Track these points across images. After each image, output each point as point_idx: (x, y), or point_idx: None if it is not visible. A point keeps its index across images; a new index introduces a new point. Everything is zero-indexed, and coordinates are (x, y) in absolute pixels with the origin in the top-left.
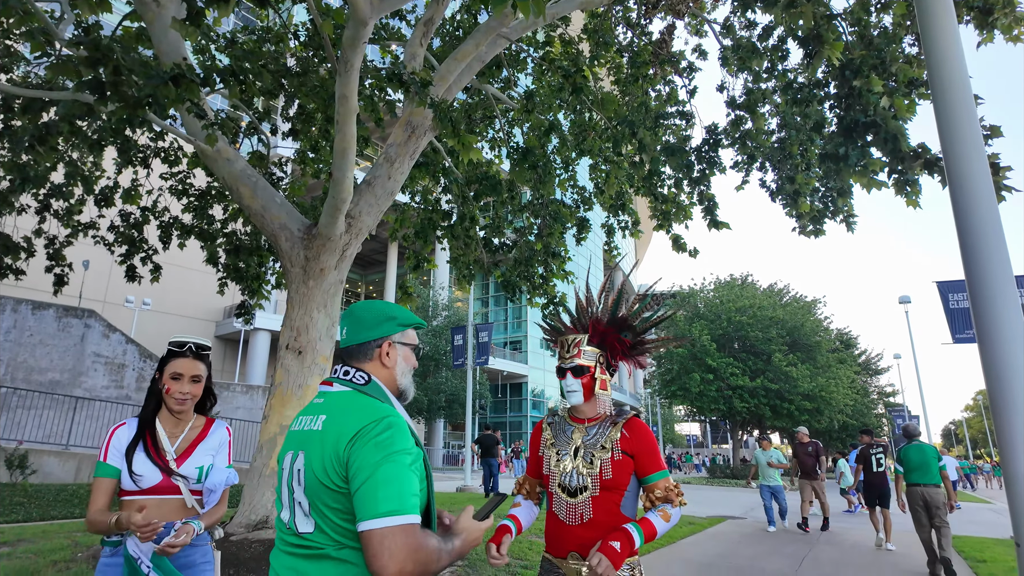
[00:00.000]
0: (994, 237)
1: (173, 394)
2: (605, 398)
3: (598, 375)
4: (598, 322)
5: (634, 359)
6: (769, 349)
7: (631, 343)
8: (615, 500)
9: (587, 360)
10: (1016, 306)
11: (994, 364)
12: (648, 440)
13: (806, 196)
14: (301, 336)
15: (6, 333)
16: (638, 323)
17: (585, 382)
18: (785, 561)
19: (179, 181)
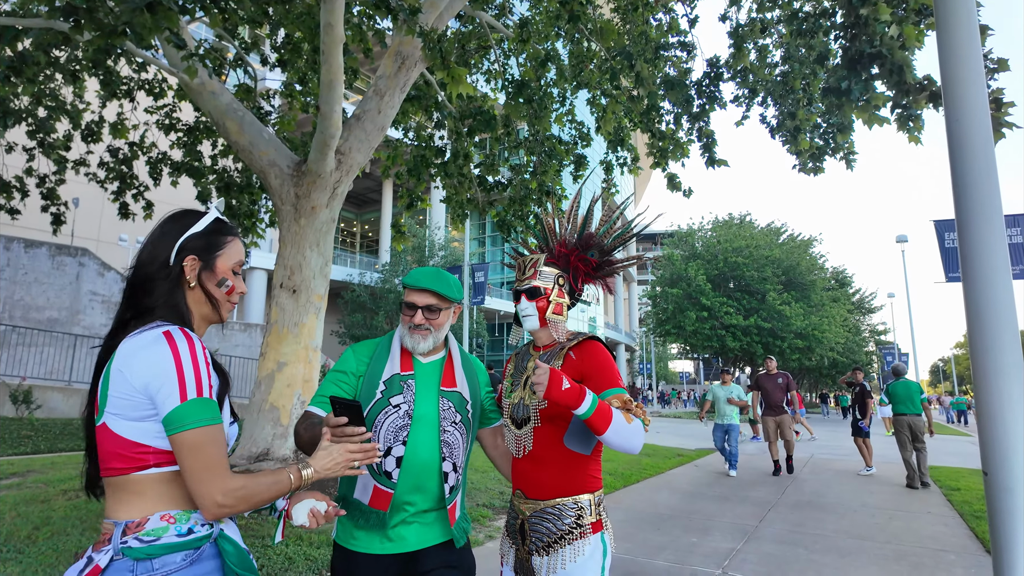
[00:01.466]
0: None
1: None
2: (560, 323)
3: (554, 298)
4: (563, 244)
5: (601, 280)
6: (764, 288)
7: (596, 263)
8: (558, 433)
9: (543, 282)
10: (1002, 243)
11: (975, 300)
12: (598, 360)
13: (806, 133)
14: (295, 275)
15: (0, 271)
16: (607, 242)
17: (540, 305)
18: (769, 490)
19: (166, 115)
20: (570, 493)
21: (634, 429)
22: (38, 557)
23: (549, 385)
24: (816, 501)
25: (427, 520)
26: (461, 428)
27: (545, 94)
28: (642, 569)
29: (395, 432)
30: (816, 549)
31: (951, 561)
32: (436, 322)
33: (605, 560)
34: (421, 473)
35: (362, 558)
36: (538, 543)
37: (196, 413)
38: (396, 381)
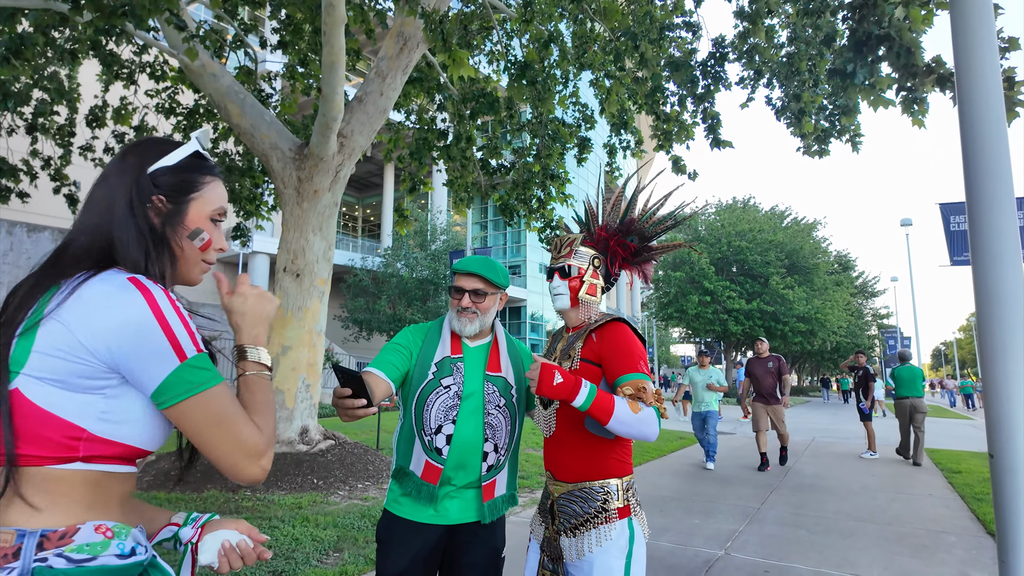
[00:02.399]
0: (999, 154)
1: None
2: (592, 304)
3: (588, 278)
4: (605, 228)
5: (638, 267)
6: (767, 272)
7: (636, 248)
8: (579, 415)
9: (578, 261)
10: (1013, 226)
11: (986, 282)
12: (620, 342)
13: (811, 115)
14: (298, 259)
15: (3, 256)
16: (649, 227)
17: (573, 284)
18: (771, 473)
19: (167, 98)
20: (597, 477)
21: (643, 418)
22: None
23: (540, 381)
24: (817, 484)
25: (467, 496)
26: (505, 412)
27: (548, 76)
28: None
29: (445, 411)
30: (817, 531)
31: (951, 543)
32: (482, 306)
33: (633, 546)
34: (465, 452)
35: (407, 524)
36: (565, 524)
37: (204, 371)
38: (447, 363)
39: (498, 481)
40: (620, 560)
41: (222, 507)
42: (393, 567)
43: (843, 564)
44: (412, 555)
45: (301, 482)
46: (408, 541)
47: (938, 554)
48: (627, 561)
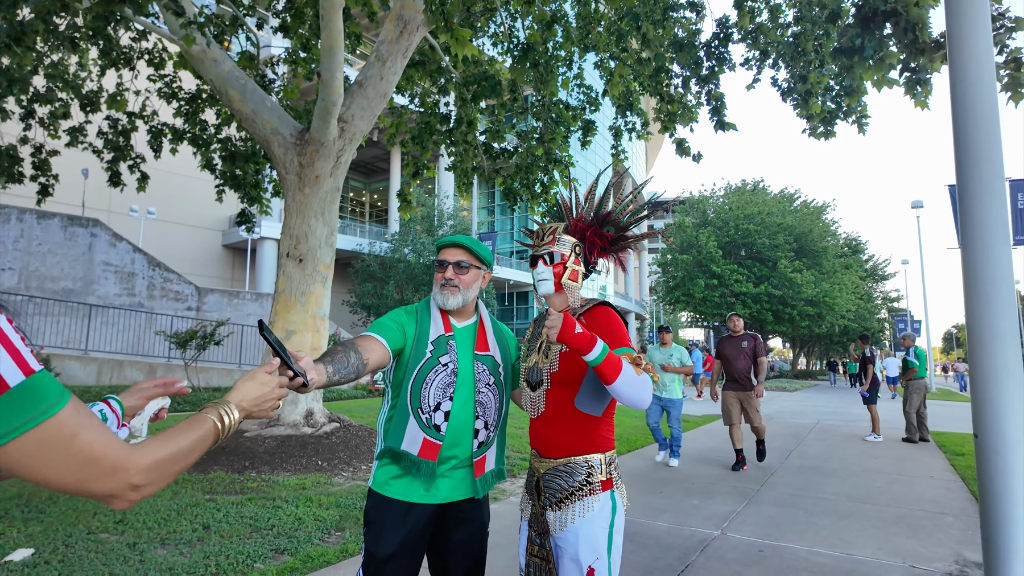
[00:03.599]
0: (989, 133)
1: None
2: (574, 289)
3: (570, 264)
4: (581, 220)
5: (615, 255)
6: (775, 256)
7: (612, 237)
8: (569, 395)
9: (561, 248)
10: (1003, 207)
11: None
12: (610, 323)
13: (817, 96)
14: (300, 244)
15: (14, 242)
16: (625, 217)
17: (556, 270)
18: (773, 455)
19: (167, 84)
20: (581, 452)
21: (643, 382)
22: (58, 517)
23: (563, 328)
24: (819, 466)
25: (457, 475)
26: (494, 389)
27: (552, 57)
28: (643, 531)
29: (443, 389)
30: (815, 512)
31: (949, 523)
32: (464, 279)
33: (615, 517)
34: (460, 429)
35: (397, 504)
36: (551, 499)
37: (50, 391)
38: (443, 341)
39: (488, 457)
40: (604, 529)
41: (228, 487)
42: (385, 548)
43: (838, 544)
44: (404, 535)
45: (306, 463)
46: (399, 522)
47: (935, 534)
48: (610, 530)
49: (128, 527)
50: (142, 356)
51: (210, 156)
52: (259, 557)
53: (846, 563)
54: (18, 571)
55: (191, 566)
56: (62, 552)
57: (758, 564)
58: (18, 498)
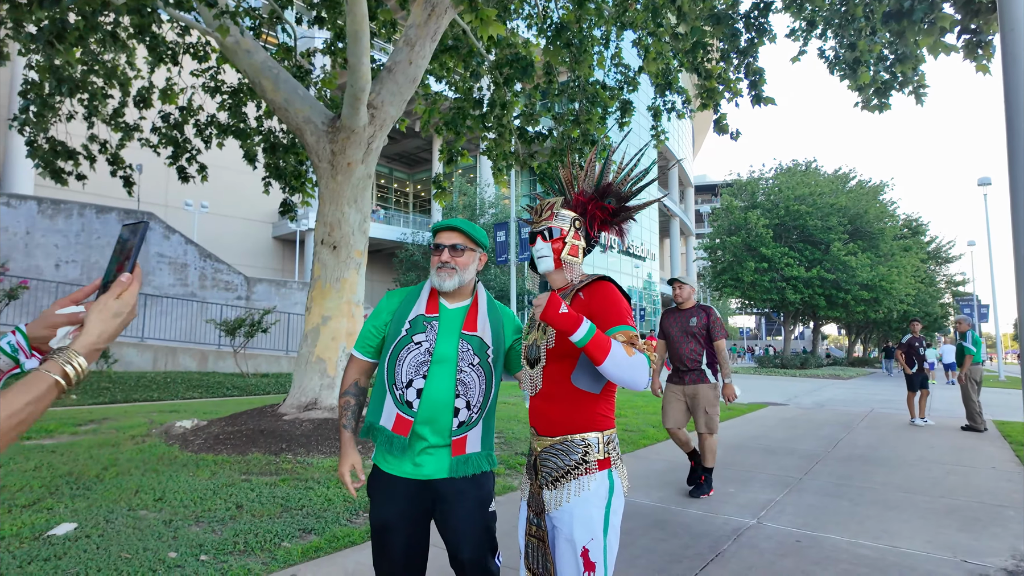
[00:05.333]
0: None
1: None
2: (575, 264)
3: (569, 239)
4: (581, 194)
5: (616, 227)
6: (828, 238)
7: (613, 209)
8: (566, 372)
9: (559, 223)
10: None
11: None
12: (607, 298)
13: (868, 65)
14: (335, 231)
15: (76, 236)
16: (625, 188)
17: (556, 246)
18: (819, 443)
19: (210, 78)
20: (578, 430)
21: (635, 362)
22: (103, 494)
23: (546, 307)
24: (869, 455)
25: (441, 453)
26: (479, 370)
27: (585, 37)
28: (673, 517)
29: (416, 367)
30: (860, 502)
31: (1008, 516)
32: (460, 261)
33: (612, 497)
34: (436, 407)
35: (389, 478)
36: (547, 477)
37: None
38: (420, 321)
39: (470, 438)
40: (600, 509)
41: (264, 468)
42: (378, 518)
43: (881, 536)
44: (396, 508)
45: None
46: (391, 495)
47: (990, 528)
48: (607, 510)
49: (166, 504)
50: (194, 343)
51: (254, 149)
52: (286, 536)
53: (890, 555)
54: (59, 544)
55: (220, 543)
56: (102, 527)
57: (794, 554)
58: (69, 476)
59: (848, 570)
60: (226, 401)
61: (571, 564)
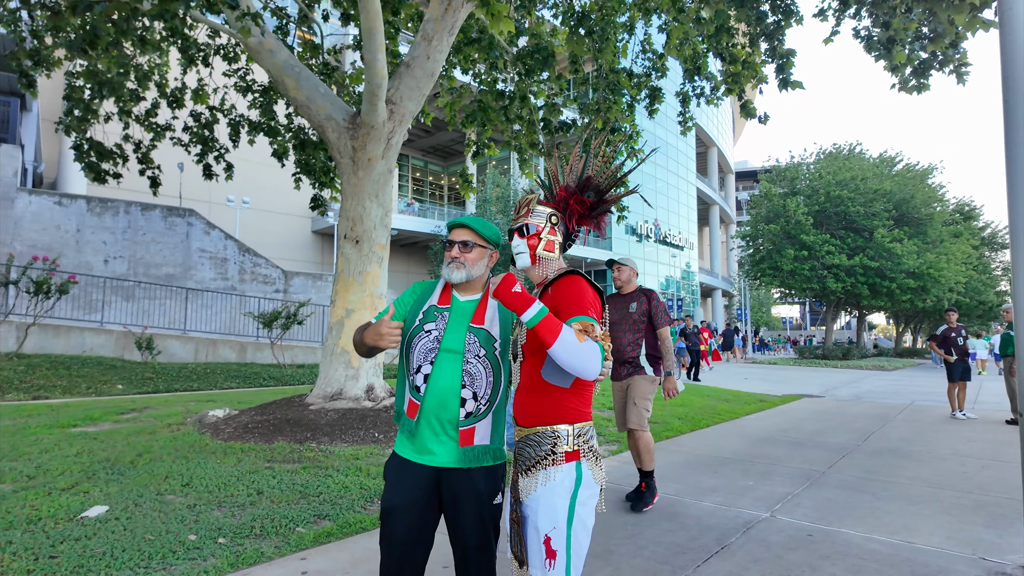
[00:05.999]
0: None
1: None
2: (551, 260)
3: (545, 235)
4: (564, 189)
5: (594, 221)
6: (872, 224)
7: (591, 202)
8: (538, 366)
9: (535, 219)
10: None
11: None
12: (572, 290)
13: (903, 44)
14: (357, 226)
15: (123, 232)
16: (603, 181)
17: (531, 242)
18: (850, 436)
19: (240, 78)
20: (548, 422)
21: (586, 349)
22: (135, 479)
23: (500, 285)
24: (901, 448)
25: (452, 443)
26: (485, 362)
27: (608, 24)
28: (685, 510)
29: (425, 353)
30: (883, 496)
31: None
32: (469, 256)
33: (579, 488)
34: (442, 394)
35: (403, 462)
36: (521, 466)
37: None
38: (432, 311)
39: (478, 429)
40: (564, 500)
41: (287, 456)
42: (387, 500)
43: (899, 531)
44: (405, 492)
45: (363, 436)
46: (402, 478)
47: (1017, 524)
48: (571, 501)
49: (192, 490)
50: (234, 336)
51: (284, 145)
52: (301, 521)
53: (904, 551)
54: (91, 525)
55: (239, 527)
56: (131, 510)
57: (803, 548)
58: (106, 461)
59: (857, 565)
60: (261, 391)
61: (536, 550)
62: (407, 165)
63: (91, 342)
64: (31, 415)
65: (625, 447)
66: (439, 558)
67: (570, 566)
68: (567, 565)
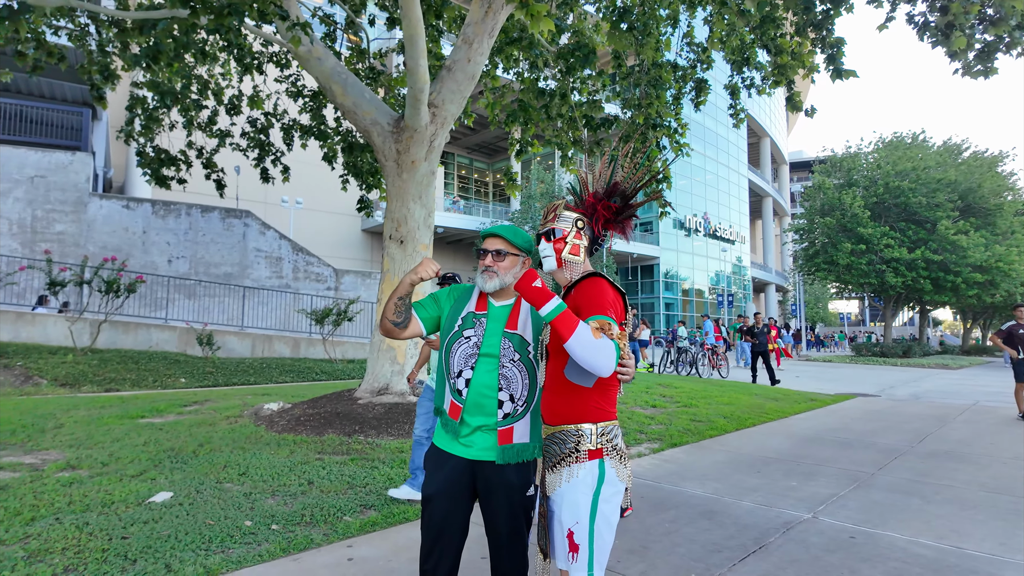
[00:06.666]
0: None
1: None
2: (576, 263)
3: (571, 239)
4: (593, 195)
5: (620, 225)
6: (935, 216)
7: (617, 207)
8: (562, 366)
9: (562, 224)
10: None
11: None
12: (593, 292)
13: (963, 29)
14: (401, 226)
15: (185, 233)
16: (630, 187)
17: (557, 246)
18: (904, 437)
19: (292, 84)
20: (572, 421)
21: (600, 346)
22: (196, 467)
23: (522, 279)
24: (958, 450)
25: (489, 438)
26: (520, 366)
27: (649, 18)
28: (724, 508)
29: (465, 359)
30: (934, 500)
31: None
32: (502, 265)
33: (602, 485)
34: (481, 396)
35: (441, 453)
36: (548, 462)
37: None
38: (470, 318)
39: (516, 429)
40: (587, 496)
41: (336, 448)
42: (427, 488)
43: (947, 535)
44: (443, 481)
45: (407, 430)
46: (440, 468)
47: None
48: (594, 498)
49: (248, 479)
50: (288, 332)
51: (333, 148)
52: (348, 511)
53: (951, 556)
54: (157, 510)
55: (290, 514)
56: (193, 496)
57: (843, 551)
58: (170, 451)
59: (898, 568)
60: (313, 385)
61: (560, 544)
62: (452, 163)
63: (156, 338)
64: (104, 406)
65: (667, 445)
66: (480, 549)
67: (592, 560)
68: (589, 559)
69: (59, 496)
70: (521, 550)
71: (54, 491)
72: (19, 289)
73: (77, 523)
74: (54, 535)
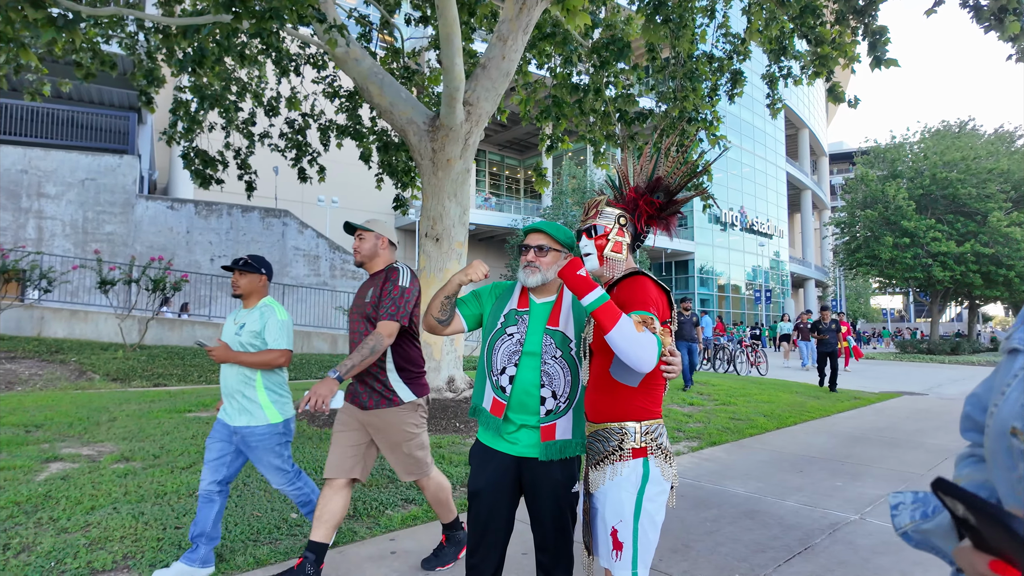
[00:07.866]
0: None
1: None
2: (618, 260)
3: (613, 236)
4: (634, 190)
5: (664, 222)
6: (986, 208)
7: (660, 203)
8: (606, 364)
9: (603, 220)
10: None
11: None
12: (636, 289)
13: (1017, 13)
14: (437, 224)
15: (227, 233)
16: (674, 182)
17: (599, 243)
18: (955, 437)
19: (328, 84)
20: (617, 419)
21: (643, 339)
22: None
23: (566, 267)
24: None
25: (533, 435)
26: (562, 363)
27: (685, 10)
28: (767, 508)
29: (509, 355)
30: None
31: None
32: (544, 261)
33: (646, 484)
34: (524, 393)
35: (485, 449)
36: (592, 460)
37: None
38: (513, 315)
39: (559, 425)
40: (631, 494)
41: None
42: (474, 484)
43: None
44: (488, 476)
45: (445, 425)
46: (486, 464)
47: None
48: (639, 497)
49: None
50: (326, 328)
51: (369, 148)
52: (390, 505)
53: None
54: None
55: None
56: (241, 489)
57: (893, 553)
58: None
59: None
60: None
61: (604, 541)
62: (484, 160)
63: (201, 334)
64: (153, 401)
65: (707, 443)
66: (520, 545)
67: (636, 559)
68: (633, 558)
69: (115, 487)
70: (566, 546)
71: (111, 482)
72: (72, 288)
73: (133, 512)
74: (112, 524)
